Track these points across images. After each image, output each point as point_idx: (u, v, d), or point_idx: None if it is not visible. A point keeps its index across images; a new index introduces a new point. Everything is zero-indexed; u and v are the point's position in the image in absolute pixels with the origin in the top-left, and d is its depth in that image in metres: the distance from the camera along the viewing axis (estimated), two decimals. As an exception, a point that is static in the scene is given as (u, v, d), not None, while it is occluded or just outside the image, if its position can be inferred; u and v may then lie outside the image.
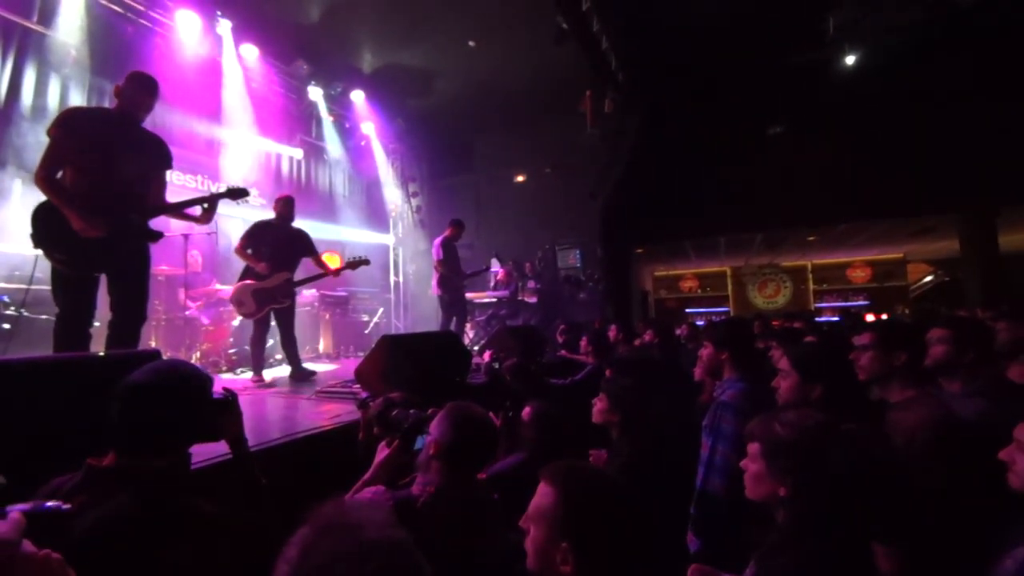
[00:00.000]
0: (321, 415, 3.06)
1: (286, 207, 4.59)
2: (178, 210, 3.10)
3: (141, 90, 2.81)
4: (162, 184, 3.04)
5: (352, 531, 0.61)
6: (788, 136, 8.54)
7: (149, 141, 2.95)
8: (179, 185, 6.60)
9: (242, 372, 5.24)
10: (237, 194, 3.27)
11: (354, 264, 4.73)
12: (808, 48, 7.32)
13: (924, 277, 14.41)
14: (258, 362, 4.54)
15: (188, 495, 1.12)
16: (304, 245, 4.67)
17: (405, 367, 3.08)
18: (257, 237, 4.44)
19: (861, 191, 8.22)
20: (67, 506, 0.73)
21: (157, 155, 2.98)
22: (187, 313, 5.42)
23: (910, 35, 6.79)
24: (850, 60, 7.12)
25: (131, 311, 2.92)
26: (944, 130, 7.63)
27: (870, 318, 9.01)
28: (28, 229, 2.84)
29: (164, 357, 4.86)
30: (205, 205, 3.14)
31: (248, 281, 4.37)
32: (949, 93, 7.47)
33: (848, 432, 1.25)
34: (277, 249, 4.44)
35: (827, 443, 1.20)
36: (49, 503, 0.67)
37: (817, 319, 9.74)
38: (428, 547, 1.33)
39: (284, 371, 4.95)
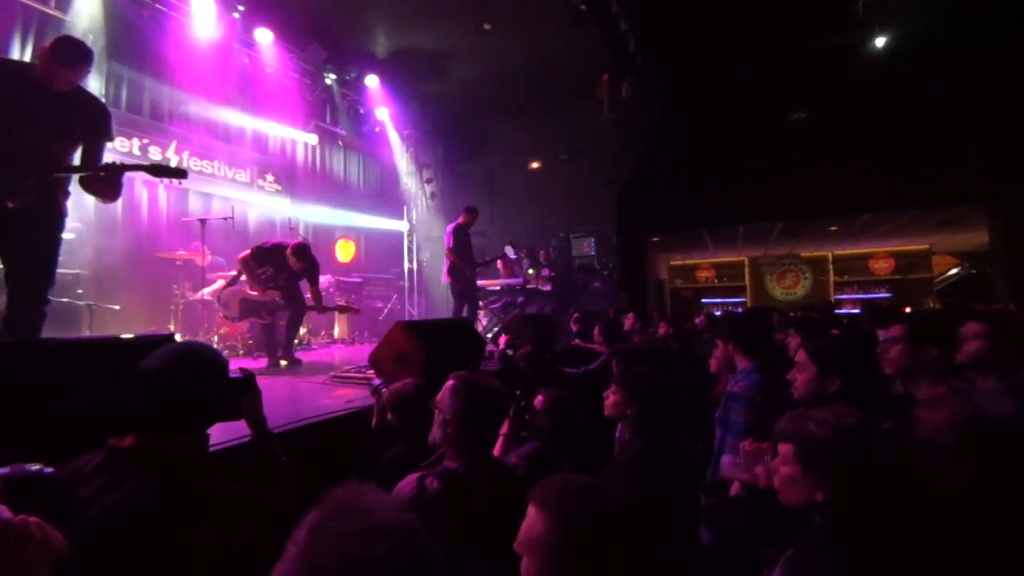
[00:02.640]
0: (335, 400, 3.08)
1: (300, 257, 4.61)
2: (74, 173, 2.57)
3: (54, 59, 2.41)
4: (94, 156, 2.56)
5: (363, 513, 0.60)
6: (811, 122, 8.30)
7: (78, 108, 2.51)
8: (196, 170, 6.65)
9: (259, 356, 5.32)
10: (162, 172, 2.61)
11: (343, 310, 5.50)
12: (834, 32, 7.07)
13: (949, 270, 14.01)
14: (287, 345, 4.67)
15: (207, 475, 1.12)
16: (310, 278, 4.75)
17: (419, 353, 3.07)
18: (267, 258, 4.59)
19: (886, 179, 7.98)
20: (49, 469, 0.71)
21: (84, 124, 2.53)
22: (201, 296, 5.48)
23: (939, 17, 6.52)
24: (880, 43, 6.86)
25: (21, 293, 2.41)
26: (974, 117, 7.34)
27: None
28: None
29: (180, 340, 4.94)
30: (102, 174, 2.52)
31: (240, 288, 4.61)
32: (980, 79, 7.17)
33: (888, 432, 1.19)
34: (278, 273, 4.60)
35: (869, 444, 1.13)
36: (32, 467, 0.65)
37: (837, 311, 9.55)
38: (477, 518, 1.32)
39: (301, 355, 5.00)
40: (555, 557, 0.86)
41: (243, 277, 4.70)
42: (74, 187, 2.74)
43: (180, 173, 2.64)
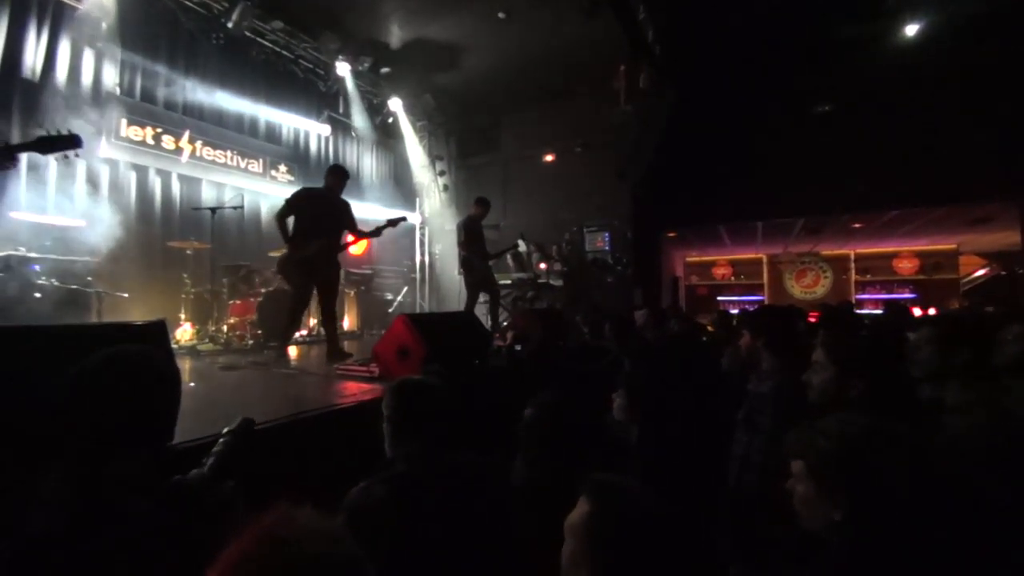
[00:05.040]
0: (338, 393, 3.03)
1: (336, 179, 4.46)
2: None
3: None
4: None
5: (290, 545, 0.51)
6: (836, 115, 8.02)
7: None
8: (209, 160, 6.67)
9: (271, 346, 5.31)
10: (52, 146, 2.28)
11: (393, 223, 4.79)
12: (862, 19, 6.79)
13: (977, 271, 13.54)
14: (286, 333, 4.42)
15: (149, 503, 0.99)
16: (348, 218, 4.54)
17: (420, 348, 3.00)
18: (299, 205, 4.28)
19: (914, 175, 7.67)
20: None
21: None
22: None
23: (972, 5, 6.22)
24: (911, 31, 6.56)
25: None
26: (1008, 109, 7.00)
27: (917, 312, 8.52)
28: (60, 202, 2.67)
29: (189, 329, 4.88)
30: None
31: (288, 251, 4.26)
32: (1014, 69, 6.82)
33: (904, 435, 1.07)
34: (318, 218, 4.27)
35: (884, 452, 1.02)
36: None
37: (858, 311, 9.27)
38: (431, 520, 1.26)
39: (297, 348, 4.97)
40: (587, 542, 0.89)
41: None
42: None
43: (72, 141, 2.29)
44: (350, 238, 4.63)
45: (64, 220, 4.81)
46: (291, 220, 4.28)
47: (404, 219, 4.90)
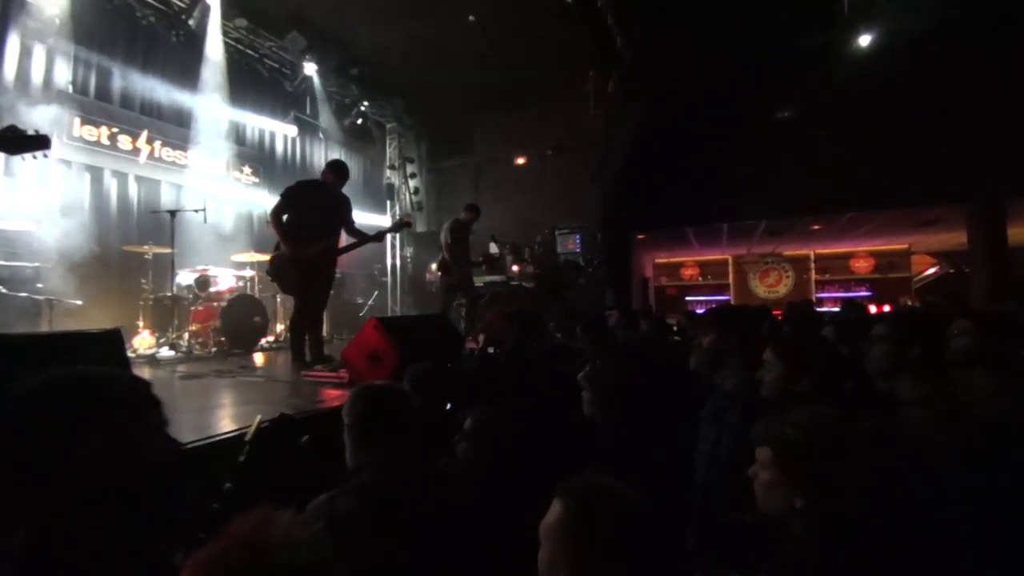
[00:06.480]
0: (306, 400, 2.96)
1: (337, 176, 4.11)
2: None
3: None
4: None
5: (254, 551, 0.50)
6: (797, 121, 8.31)
7: None
8: (168, 161, 6.44)
9: (236, 353, 5.17)
10: (17, 146, 2.19)
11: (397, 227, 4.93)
12: (821, 29, 7.07)
13: (927, 269, 14.25)
14: (304, 346, 3.99)
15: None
16: (349, 215, 4.22)
17: (392, 352, 2.96)
18: (296, 199, 3.91)
19: (869, 179, 8.01)
20: None
21: None
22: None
23: (923, 17, 6.56)
24: (864, 41, 6.87)
25: None
26: (956, 117, 7.40)
27: (872, 309, 8.90)
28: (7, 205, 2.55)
29: (147, 337, 4.70)
30: None
31: (286, 250, 3.85)
32: (961, 79, 7.23)
33: (869, 432, 1.12)
34: (319, 213, 3.94)
35: (848, 445, 1.07)
36: None
37: (818, 309, 9.61)
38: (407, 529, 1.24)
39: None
40: (564, 544, 0.87)
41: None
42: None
43: (40, 142, 2.13)
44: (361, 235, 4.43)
45: (12, 224, 4.55)
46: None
47: (409, 224, 4.85)
